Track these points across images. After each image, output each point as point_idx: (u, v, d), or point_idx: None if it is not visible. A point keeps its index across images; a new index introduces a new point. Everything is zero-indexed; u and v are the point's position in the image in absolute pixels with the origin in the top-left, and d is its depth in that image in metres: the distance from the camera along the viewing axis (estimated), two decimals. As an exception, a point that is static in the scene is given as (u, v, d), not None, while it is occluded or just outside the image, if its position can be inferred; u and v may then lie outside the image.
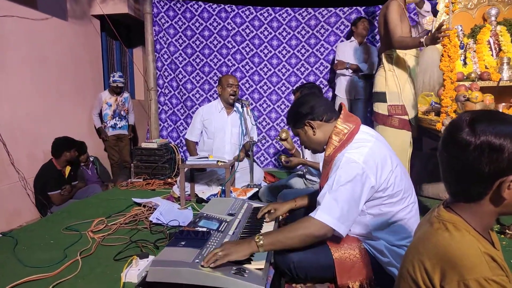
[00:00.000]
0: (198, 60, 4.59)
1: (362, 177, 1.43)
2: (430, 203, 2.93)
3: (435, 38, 2.36)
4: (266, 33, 4.49)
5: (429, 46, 2.50)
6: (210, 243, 1.48)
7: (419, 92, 2.82)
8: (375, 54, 4.04)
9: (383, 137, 1.69)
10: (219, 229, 1.65)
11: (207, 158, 2.81)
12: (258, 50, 4.52)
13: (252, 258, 1.39)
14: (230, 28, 4.51)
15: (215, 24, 4.52)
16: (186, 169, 2.88)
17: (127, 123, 4.89)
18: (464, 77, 2.87)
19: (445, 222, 0.85)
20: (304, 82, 4.24)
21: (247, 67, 4.55)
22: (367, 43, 4.17)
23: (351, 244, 1.56)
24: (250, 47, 4.53)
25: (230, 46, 4.53)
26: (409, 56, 2.74)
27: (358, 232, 1.58)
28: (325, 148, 1.65)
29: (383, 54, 2.79)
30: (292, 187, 2.93)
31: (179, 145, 4.48)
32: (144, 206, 2.66)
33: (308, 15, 4.43)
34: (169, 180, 3.67)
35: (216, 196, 2.82)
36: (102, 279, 1.67)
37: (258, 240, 1.37)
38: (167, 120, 4.71)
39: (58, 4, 4.21)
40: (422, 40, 2.44)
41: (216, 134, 3.36)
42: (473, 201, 0.84)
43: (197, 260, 1.31)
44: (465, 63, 3.05)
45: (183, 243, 1.45)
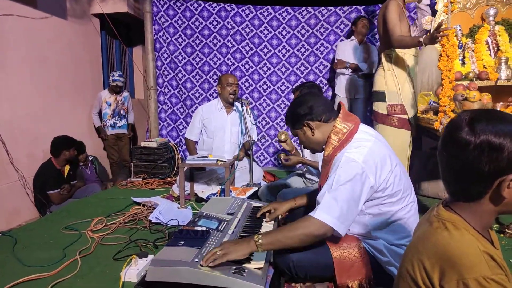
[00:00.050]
0: (197, 59, 4.58)
1: (361, 176, 1.43)
2: (429, 202, 2.93)
3: (433, 38, 2.37)
4: (266, 32, 4.49)
5: (428, 46, 2.51)
6: (209, 242, 1.48)
7: (418, 91, 2.82)
8: (375, 53, 4.04)
9: (382, 136, 1.69)
10: (219, 228, 1.65)
11: (207, 157, 2.81)
12: (258, 49, 4.52)
13: (251, 257, 1.39)
14: (230, 27, 4.51)
15: (214, 23, 4.51)
16: (185, 168, 2.87)
17: (126, 122, 4.88)
18: (463, 76, 2.88)
19: (444, 221, 0.84)
20: (304, 81, 4.24)
21: (247, 66, 4.55)
22: (367, 42, 4.17)
23: (351, 243, 1.56)
24: (250, 46, 4.52)
25: (230, 45, 4.53)
26: (408, 55, 2.74)
27: (357, 231, 1.58)
28: (324, 147, 1.65)
29: (382, 53, 2.79)
30: (291, 186, 2.93)
31: (178, 144, 4.47)
32: (143, 206, 2.66)
33: (308, 14, 4.43)
34: (168, 179, 3.66)
35: (215, 195, 2.82)
36: (102, 279, 1.66)
37: (257, 240, 1.36)
38: (167, 119, 4.70)
39: (57, 3, 4.20)
40: (421, 40, 2.45)
41: (216, 133, 3.36)
42: (472, 200, 0.84)
43: (196, 260, 1.31)
44: (463, 63, 3.06)
45: (183, 242, 1.45)
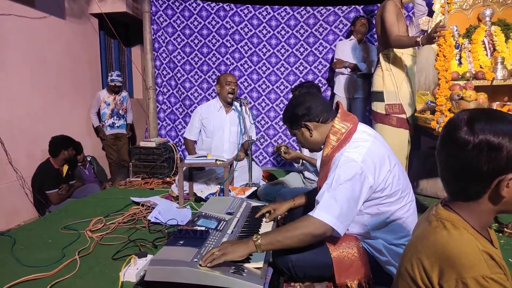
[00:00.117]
0: (196, 59, 4.58)
1: (361, 176, 1.43)
2: (428, 201, 2.94)
3: (431, 38, 2.39)
4: (264, 31, 4.49)
5: (425, 47, 2.53)
6: (208, 242, 1.48)
7: (416, 91, 2.83)
8: (375, 53, 4.04)
9: (381, 135, 1.69)
10: (218, 228, 1.65)
11: (206, 157, 2.81)
12: (257, 48, 4.51)
13: (250, 257, 1.39)
14: (229, 26, 4.50)
15: (213, 22, 4.51)
16: (184, 168, 2.87)
17: (125, 122, 4.87)
18: (459, 76, 2.89)
19: (443, 221, 0.84)
20: (303, 81, 4.24)
21: (246, 66, 4.55)
22: (366, 42, 4.17)
23: (350, 243, 1.56)
24: (248, 46, 4.52)
25: (229, 45, 4.53)
26: (406, 55, 2.75)
27: (356, 231, 1.58)
28: (322, 147, 1.65)
29: (381, 54, 2.81)
30: (290, 184, 2.93)
31: (177, 144, 4.47)
32: (142, 205, 2.65)
33: (306, 13, 4.42)
34: (167, 179, 3.66)
35: (214, 195, 2.82)
36: (101, 279, 1.66)
37: (256, 240, 1.36)
38: (166, 119, 4.70)
39: (56, 2, 4.20)
40: (419, 40, 2.46)
41: (215, 132, 3.36)
42: (471, 199, 0.84)
43: (195, 259, 1.31)
44: (460, 63, 3.08)
45: (182, 242, 1.45)
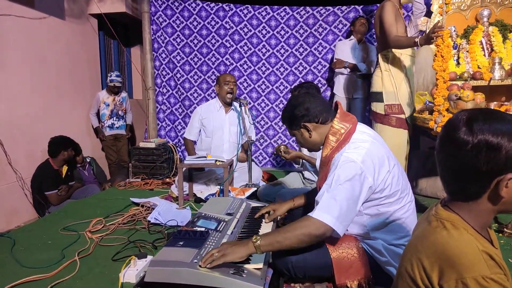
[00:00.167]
0: (196, 59, 4.58)
1: (360, 177, 1.43)
2: (427, 201, 2.94)
3: (429, 38, 2.40)
4: (264, 32, 4.49)
5: (423, 47, 2.54)
6: (208, 243, 1.48)
7: (415, 91, 2.84)
8: (374, 53, 4.04)
9: (381, 135, 1.69)
10: (218, 229, 1.65)
11: (206, 157, 2.81)
12: (256, 49, 4.51)
13: (250, 258, 1.39)
14: (228, 27, 4.50)
15: (213, 23, 4.51)
16: (184, 168, 2.87)
17: (125, 122, 4.87)
18: (457, 76, 2.90)
19: (443, 221, 0.84)
20: (302, 81, 4.24)
21: (245, 66, 4.55)
22: (366, 42, 4.17)
23: (349, 243, 1.56)
24: (248, 46, 4.52)
25: (228, 45, 4.53)
26: (405, 56, 2.75)
27: (356, 232, 1.58)
28: (321, 148, 1.65)
29: (380, 54, 2.82)
30: (290, 184, 2.93)
31: (177, 144, 4.47)
32: (142, 206, 2.65)
33: (306, 13, 4.42)
34: (167, 179, 3.66)
35: (214, 196, 2.82)
36: (100, 280, 1.66)
37: (255, 241, 1.35)
38: (165, 120, 4.70)
39: (55, 3, 4.20)
40: (417, 40, 2.47)
41: (215, 132, 3.36)
42: (471, 199, 0.84)
43: (195, 260, 1.31)
44: (458, 63, 3.09)
45: (182, 243, 1.45)
